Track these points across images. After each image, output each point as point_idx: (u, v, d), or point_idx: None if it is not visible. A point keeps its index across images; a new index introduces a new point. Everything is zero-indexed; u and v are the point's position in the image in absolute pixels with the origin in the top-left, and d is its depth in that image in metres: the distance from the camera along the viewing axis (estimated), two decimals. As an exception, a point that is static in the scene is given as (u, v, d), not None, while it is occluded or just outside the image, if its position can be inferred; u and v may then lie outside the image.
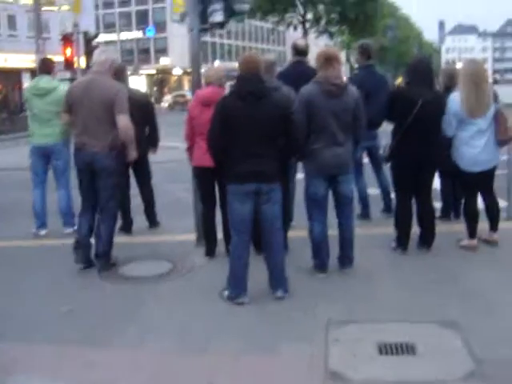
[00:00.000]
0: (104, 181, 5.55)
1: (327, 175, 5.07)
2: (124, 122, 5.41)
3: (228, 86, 7.00)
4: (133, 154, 5.71)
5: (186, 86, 59.09)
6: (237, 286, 4.73)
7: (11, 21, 36.02)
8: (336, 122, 4.94)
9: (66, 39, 18.51)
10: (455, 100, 5.58)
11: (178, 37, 53.37)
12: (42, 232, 7.00)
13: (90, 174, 5.57)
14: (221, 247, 5.83)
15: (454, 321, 4.21)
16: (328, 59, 4.99)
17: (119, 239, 6.31)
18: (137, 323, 4.51)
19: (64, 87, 6.89)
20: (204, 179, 5.74)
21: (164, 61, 63.11)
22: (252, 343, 4.08)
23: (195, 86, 6.10)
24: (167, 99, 49.87)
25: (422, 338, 4.00)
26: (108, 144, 5.46)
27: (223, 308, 4.67)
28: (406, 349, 3.87)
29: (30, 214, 7.09)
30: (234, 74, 4.70)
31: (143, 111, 6.55)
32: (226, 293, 4.79)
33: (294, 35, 34.66)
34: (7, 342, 4.26)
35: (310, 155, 5.03)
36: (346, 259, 5.32)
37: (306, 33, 42.18)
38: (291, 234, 5.84)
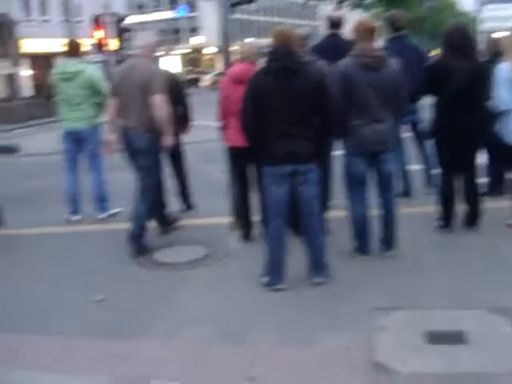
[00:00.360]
0: (140, 161, 5.56)
1: (367, 153, 4.82)
2: (158, 100, 5.40)
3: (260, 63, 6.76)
4: (168, 139, 5.60)
5: (219, 64, 58.77)
6: (274, 272, 4.53)
7: (43, 5, 36.08)
8: (375, 96, 4.66)
9: (97, 21, 18.40)
10: (505, 70, 5.24)
11: (211, 15, 52.97)
12: (76, 218, 6.90)
13: (132, 154, 5.63)
14: (257, 231, 5.63)
15: (505, 307, 3.95)
16: (366, 31, 4.71)
17: (153, 223, 6.18)
18: (172, 312, 4.37)
19: (92, 69, 6.76)
20: (238, 160, 5.54)
21: (197, 40, 62.78)
22: (291, 333, 3.88)
23: (226, 63, 5.88)
24: (207, 78, 48.98)
25: (473, 326, 3.76)
26: (144, 125, 5.45)
27: (261, 295, 4.49)
28: (456, 337, 3.63)
29: (64, 200, 6.98)
30: (265, 50, 4.47)
31: (173, 92, 6.35)
32: (264, 279, 4.59)
33: (326, 9, 33.98)
34: (38, 335, 4.15)
35: (350, 132, 4.77)
36: (388, 241, 5.07)
37: (339, 6, 41.28)
38: (329, 214, 5.60)
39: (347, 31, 6.84)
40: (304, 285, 4.55)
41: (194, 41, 63.20)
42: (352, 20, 5.45)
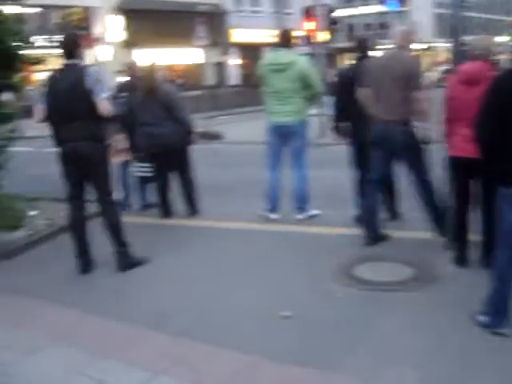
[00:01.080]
0: (405, 154, 5.44)
1: None
2: (421, 96, 5.27)
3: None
4: (433, 129, 5.31)
5: (425, 61, 56.53)
6: (497, 312, 3.78)
7: (255, -3, 37.32)
8: None
9: (308, 13, 18.20)
10: None
11: (422, 10, 51.06)
12: (273, 216, 6.60)
13: (385, 147, 5.46)
14: (475, 254, 4.83)
15: None
16: None
17: (353, 231, 5.70)
18: (367, 342, 3.79)
19: (304, 61, 6.38)
20: (462, 172, 4.78)
21: (404, 35, 61.01)
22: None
23: (455, 60, 5.18)
24: (433, 74, 46.02)
25: None
26: (402, 118, 5.33)
27: (476, 337, 3.74)
28: None
29: (262, 195, 6.72)
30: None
31: None
32: (482, 318, 3.86)
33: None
34: (212, 345, 3.81)
35: None
36: None
37: None
38: None
39: None
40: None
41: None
42: None
